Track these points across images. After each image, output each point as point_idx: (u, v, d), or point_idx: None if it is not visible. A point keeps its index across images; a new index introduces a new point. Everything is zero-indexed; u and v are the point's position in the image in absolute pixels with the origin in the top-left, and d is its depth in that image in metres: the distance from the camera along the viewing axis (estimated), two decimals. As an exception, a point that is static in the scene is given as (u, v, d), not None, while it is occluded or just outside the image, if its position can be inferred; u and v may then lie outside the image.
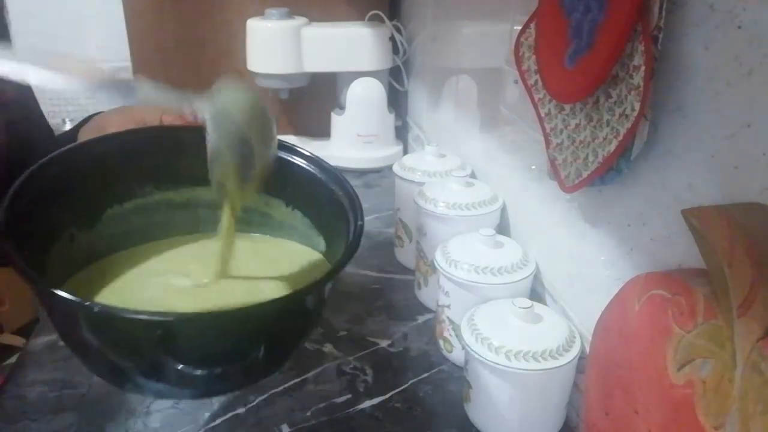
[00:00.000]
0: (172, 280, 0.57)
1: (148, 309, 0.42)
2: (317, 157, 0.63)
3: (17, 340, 1.15)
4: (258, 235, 0.68)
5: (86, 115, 0.76)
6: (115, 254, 0.61)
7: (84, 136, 0.68)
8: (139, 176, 0.61)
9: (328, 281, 0.50)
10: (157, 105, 0.65)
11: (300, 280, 0.60)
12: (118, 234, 0.62)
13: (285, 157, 0.63)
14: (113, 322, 0.43)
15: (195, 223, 0.66)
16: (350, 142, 1.38)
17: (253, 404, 0.71)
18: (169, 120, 0.63)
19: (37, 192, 0.52)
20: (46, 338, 0.80)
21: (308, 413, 0.70)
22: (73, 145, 0.57)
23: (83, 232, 0.59)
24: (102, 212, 0.61)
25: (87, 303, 0.43)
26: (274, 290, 0.58)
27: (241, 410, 0.70)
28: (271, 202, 0.67)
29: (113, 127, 0.61)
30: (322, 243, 0.65)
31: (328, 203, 0.61)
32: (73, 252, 0.58)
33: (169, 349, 0.45)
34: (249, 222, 0.66)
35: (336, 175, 0.61)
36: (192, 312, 0.50)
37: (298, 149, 0.63)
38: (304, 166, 0.63)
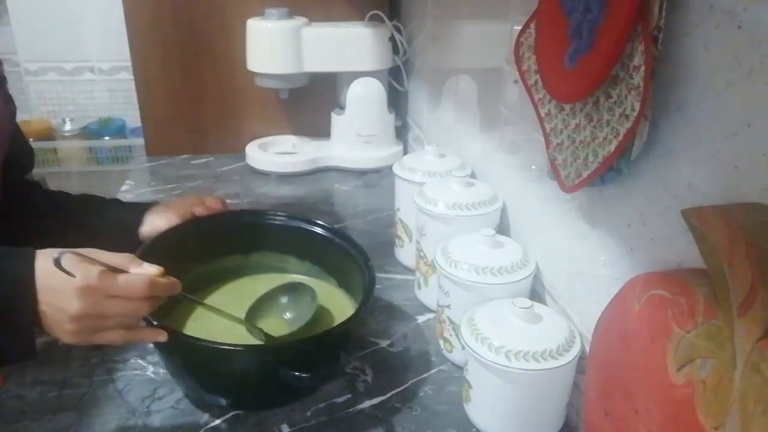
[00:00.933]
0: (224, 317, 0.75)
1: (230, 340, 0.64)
2: (321, 222, 0.87)
3: (17, 340, 1.15)
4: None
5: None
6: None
7: (148, 219, 0.86)
8: (188, 253, 0.81)
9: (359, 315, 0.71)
10: (185, 200, 0.88)
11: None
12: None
13: (296, 224, 0.86)
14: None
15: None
16: (350, 142, 1.38)
17: (253, 404, 0.71)
18: (199, 211, 0.86)
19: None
20: (46, 338, 0.80)
21: (308, 413, 0.70)
22: (165, 230, 0.81)
23: None
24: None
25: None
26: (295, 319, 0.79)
27: (241, 410, 0.70)
28: (286, 259, 0.89)
29: (168, 222, 0.84)
30: (333, 281, 0.86)
31: (333, 252, 0.83)
32: None
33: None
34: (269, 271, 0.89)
35: (335, 230, 0.86)
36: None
37: (310, 219, 0.87)
38: (308, 228, 0.86)
